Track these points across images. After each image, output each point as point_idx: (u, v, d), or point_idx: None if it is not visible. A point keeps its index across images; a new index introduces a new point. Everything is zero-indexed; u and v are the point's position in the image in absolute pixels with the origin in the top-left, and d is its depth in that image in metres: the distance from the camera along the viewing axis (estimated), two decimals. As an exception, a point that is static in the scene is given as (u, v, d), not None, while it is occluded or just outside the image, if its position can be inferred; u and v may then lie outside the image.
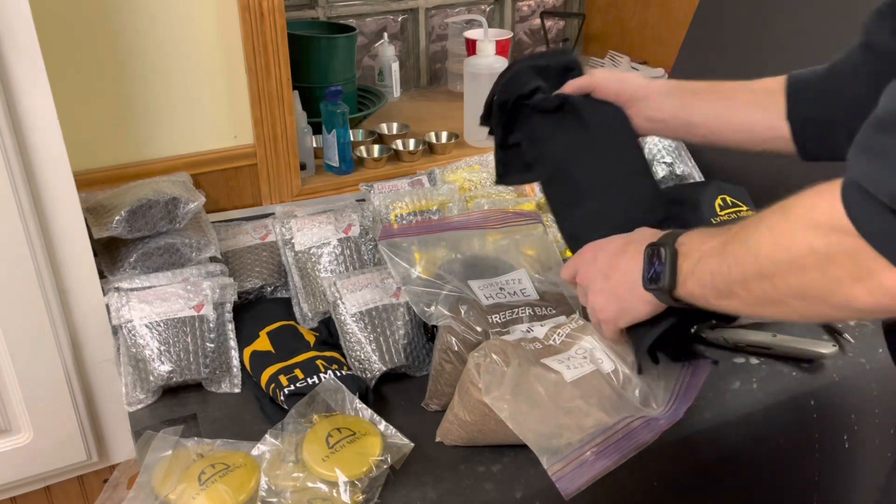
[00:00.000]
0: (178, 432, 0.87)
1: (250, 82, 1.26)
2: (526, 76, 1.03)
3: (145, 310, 0.99)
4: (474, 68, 1.50)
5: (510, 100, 1.01)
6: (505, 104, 1.02)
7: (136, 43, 1.17)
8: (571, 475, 0.74)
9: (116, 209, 1.04)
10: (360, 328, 0.99)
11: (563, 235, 0.98)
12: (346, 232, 1.15)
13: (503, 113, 1.02)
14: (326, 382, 0.89)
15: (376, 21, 1.91)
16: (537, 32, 2.14)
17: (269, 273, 1.16)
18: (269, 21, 1.23)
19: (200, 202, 1.09)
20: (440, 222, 1.07)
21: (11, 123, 0.89)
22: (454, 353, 0.88)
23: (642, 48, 1.97)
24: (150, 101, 1.22)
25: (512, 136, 1.04)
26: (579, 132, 0.99)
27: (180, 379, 0.97)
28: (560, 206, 0.98)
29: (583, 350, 0.86)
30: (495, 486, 0.82)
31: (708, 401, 0.93)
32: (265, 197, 1.34)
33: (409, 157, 1.49)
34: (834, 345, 0.99)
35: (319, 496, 0.78)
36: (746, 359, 1.00)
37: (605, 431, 0.79)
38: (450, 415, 0.87)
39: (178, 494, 0.78)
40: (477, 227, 1.05)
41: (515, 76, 1.03)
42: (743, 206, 1.10)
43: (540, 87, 1.01)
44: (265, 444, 0.83)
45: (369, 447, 0.81)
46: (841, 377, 0.99)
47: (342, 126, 1.39)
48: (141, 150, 1.25)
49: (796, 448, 0.97)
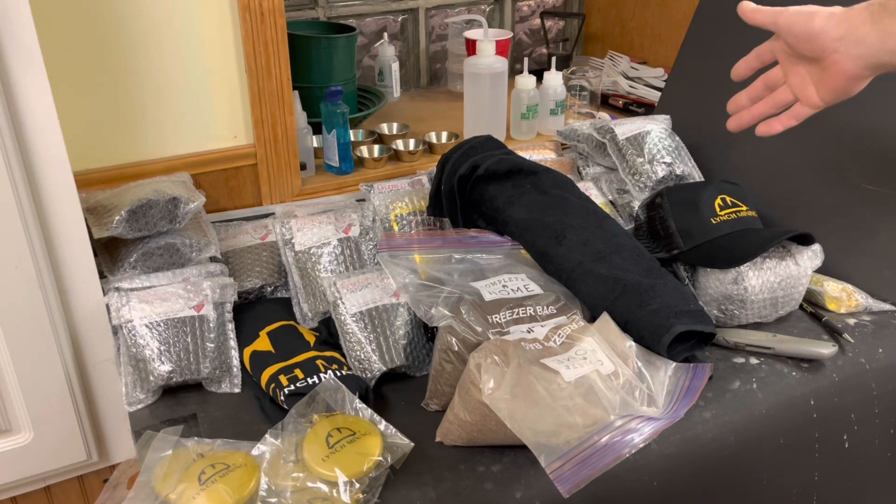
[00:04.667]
0: (178, 432, 0.87)
1: (250, 82, 1.26)
2: (462, 159, 1.13)
3: (145, 310, 0.99)
4: (474, 68, 1.50)
5: (455, 185, 1.10)
6: (452, 190, 1.11)
7: (137, 43, 1.17)
8: (570, 474, 0.74)
9: (116, 209, 1.04)
10: (360, 328, 0.99)
11: (550, 273, 1.02)
12: (346, 232, 1.15)
13: (452, 198, 1.11)
14: (326, 382, 0.89)
15: (376, 21, 1.91)
16: (537, 32, 2.14)
17: (269, 273, 1.16)
18: (269, 21, 1.23)
19: (201, 202, 1.09)
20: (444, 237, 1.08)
21: (11, 123, 0.89)
22: (454, 353, 0.88)
23: (642, 48, 1.97)
24: (151, 101, 1.22)
25: (469, 218, 1.13)
26: (538, 194, 1.08)
27: (180, 379, 0.97)
28: (541, 249, 1.03)
29: (583, 351, 0.86)
30: (495, 486, 0.82)
31: (708, 401, 0.93)
32: (265, 197, 1.35)
33: (409, 157, 1.49)
34: (834, 345, 0.99)
35: (319, 496, 0.78)
36: (746, 359, 1.00)
37: (605, 430, 0.79)
38: (450, 415, 0.87)
39: (178, 494, 0.78)
40: (479, 247, 1.06)
41: (454, 165, 1.12)
42: (743, 205, 1.11)
43: (477, 163, 1.10)
44: (265, 444, 0.83)
45: (369, 447, 0.81)
46: (841, 377, 0.99)
47: (342, 126, 1.39)
48: (141, 150, 1.25)
49: (796, 448, 0.97)
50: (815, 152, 1.23)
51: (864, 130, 1.19)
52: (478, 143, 1.17)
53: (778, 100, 0.92)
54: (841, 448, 1.00)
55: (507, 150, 1.17)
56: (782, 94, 0.92)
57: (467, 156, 1.13)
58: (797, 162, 1.26)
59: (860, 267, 1.13)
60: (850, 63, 0.82)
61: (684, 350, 0.93)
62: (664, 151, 1.27)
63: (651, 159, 1.26)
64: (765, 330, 1.04)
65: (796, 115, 0.91)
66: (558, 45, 2.10)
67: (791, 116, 0.92)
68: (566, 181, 1.11)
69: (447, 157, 1.16)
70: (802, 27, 0.84)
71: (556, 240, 1.01)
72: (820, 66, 0.85)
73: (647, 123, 1.32)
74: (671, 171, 1.26)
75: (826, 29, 0.82)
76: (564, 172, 1.28)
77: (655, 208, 1.13)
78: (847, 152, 1.20)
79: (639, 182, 1.26)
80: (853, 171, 1.18)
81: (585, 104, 1.68)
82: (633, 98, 1.80)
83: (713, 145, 1.34)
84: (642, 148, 1.27)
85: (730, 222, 1.07)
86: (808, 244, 1.05)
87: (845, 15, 0.82)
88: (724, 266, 1.02)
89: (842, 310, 1.09)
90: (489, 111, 1.53)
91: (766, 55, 0.92)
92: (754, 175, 1.28)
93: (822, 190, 1.21)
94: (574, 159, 1.42)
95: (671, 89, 1.53)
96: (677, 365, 0.90)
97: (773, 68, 0.93)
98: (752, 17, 0.88)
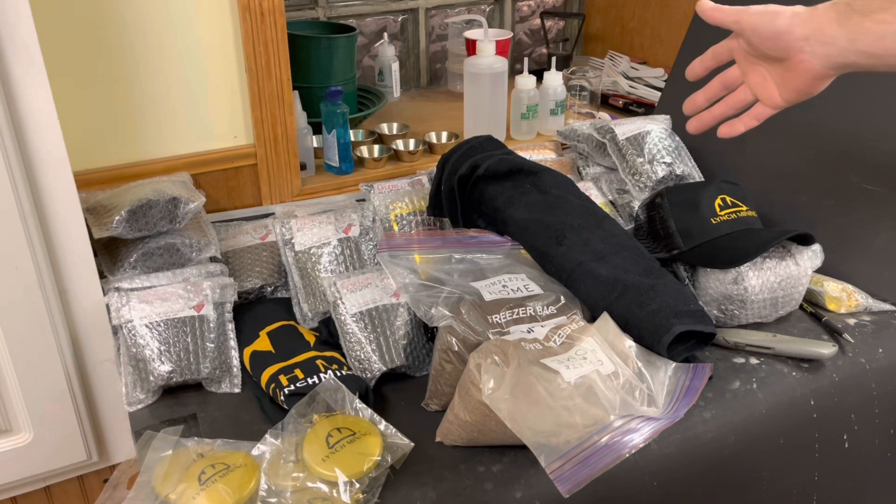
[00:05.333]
0: (178, 432, 0.87)
1: (250, 82, 1.26)
2: (461, 159, 1.13)
3: (145, 310, 0.99)
4: (474, 68, 1.50)
5: (455, 185, 1.10)
6: (452, 191, 1.11)
7: (137, 43, 1.17)
8: (570, 474, 0.74)
9: (116, 209, 1.04)
10: (360, 328, 0.99)
11: (550, 273, 1.03)
12: (346, 232, 1.15)
13: (452, 198, 1.11)
14: (326, 382, 0.89)
15: (376, 21, 1.91)
16: (537, 32, 2.14)
17: (269, 273, 1.16)
18: (269, 21, 1.23)
19: (201, 202, 1.09)
20: (443, 237, 1.08)
21: (11, 123, 0.89)
22: (454, 353, 0.88)
23: (642, 48, 1.97)
24: (151, 101, 1.22)
25: (469, 218, 1.13)
26: (538, 194, 1.08)
27: (180, 379, 0.97)
28: (541, 249, 1.04)
29: (583, 351, 0.86)
30: (495, 486, 0.82)
31: (708, 401, 0.93)
32: (265, 197, 1.35)
33: (409, 157, 1.49)
34: (834, 345, 0.99)
35: (319, 496, 0.78)
36: (746, 359, 1.00)
37: (605, 430, 0.79)
38: (450, 415, 0.87)
39: (178, 494, 0.78)
40: (479, 247, 1.06)
41: (454, 165, 1.12)
42: (743, 205, 1.11)
43: (477, 163, 1.10)
44: (265, 444, 0.83)
45: (369, 447, 0.81)
46: (841, 377, 0.99)
47: (342, 126, 1.39)
48: (141, 150, 1.25)
49: (796, 448, 0.97)
50: (815, 152, 1.23)
51: (863, 130, 1.19)
52: (478, 143, 1.17)
53: (737, 100, 0.90)
54: (841, 448, 1.00)
55: (507, 150, 1.17)
56: (741, 94, 0.90)
57: (467, 156, 1.13)
58: (797, 162, 1.26)
59: (860, 267, 1.13)
60: (815, 62, 0.81)
61: (684, 350, 0.93)
62: (664, 151, 1.27)
63: (651, 159, 1.26)
64: (765, 330, 1.04)
65: (757, 115, 0.90)
66: (558, 45, 2.10)
67: (752, 117, 0.90)
68: (566, 181, 1.11)
69: (447, 157, 1.16)
70: (767, 27, 0.82)
71: (556, 240, 1.01)
72: (783, 66, 0.84)
73: (647, 123, 1.32)
74: (671, 171, 1.26)
75: (791, 28, 0.81)
76: (564, 172, 1.28)
77: (655, 208, 1.13)
78: (847, 152, 1.20)
79: (639, 182, 1.26)
80: (853, 171, 1.18)
81: (585, 104, 1.68)
82: (633, 98, 1.80)
83: (713, 145, 1.33)
84: (642, 148, 1.27)
85: (730, 222, 1.07)
86: (808, 244, 1.05)
87: (810, 14, 0.81)
88: (724, 266, 1.02)
89: (842, 310, 1.09)
90: (489, 111, 1.53)
91: (723, 55, 0.90)
92: (754, 175, 1.28)
93: (822, 190, 1.21)
94: (574, 159, 1.42)
95: (671, 89, 1.53)
96: (677, 365, 0.90)
97: (731, 68, 0.91)
98: (711, 15, 0.87)
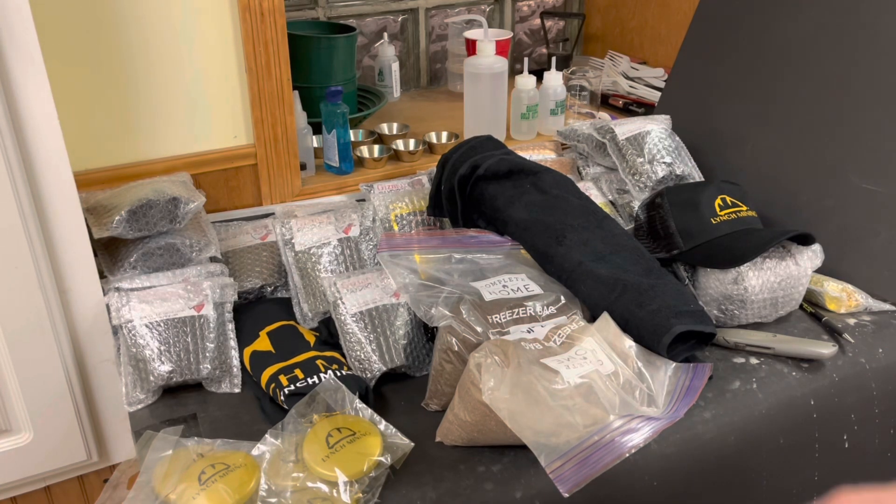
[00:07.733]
0: (178, 432, 0.87)
1: (250, 82, 1.26)
2: (461, 159, 1.13)
3: (145, 310, 0.99)
4: (474, 68, 1.50)
5: (455, 185, 1.10)
6: (452, 190, 1.11)
7: (137, 43, 1.17)
8: (570, 474, 0.74)
9: (116, 209, 1.04)
10: (360, 328, 0.99)
11: (550, 273, 1.02)
12: (346, 232, 1.15)
13: (452, 198, 1.11)
14: (326, 382, 0.89)
15: (376, 21, 1.91)
16: (537, 32, 2.14)
17: (269, 273, 1.16)
18: (269, 21, 1.23)
19: (201, 202, 1.09)
20: (443, 237, 1.08)
21: (11, 123, 0.89)
22: (454, 353, 0.88)
23: (642, 48, 1.97)
24: (151, 101, 1.22)
25: (469, 218, 1.13)
26: (538, 194, 1.08)
27: (180, 379, 0.97)
28: (541, 249, 1.04)
29: (583, 351, 0.86)
30: (495, 486, 0.82)
31: (708, 401, 0.93)
32: (265, 197, 1.34)
33: (409, 157, 1.49)
34: (834, 345, 0.99)
35: (319, 496, 0.78)
36: (746, 359, 1.00)
37: (605, 430, 0.79)
38: (450, 415, 0.87)
39: (178, 494, 0.78)
40: (479, 247, 1.06)
41: (454, 165, 1.10)
42: (743, 205, 1.11)
43: (477, 163, 1.10)
44: (265, 444, 0.83)
45: (369, 447, 0.81)
46: (841, 377, 0.99)
47: (342, 126, 1.39)
48: (141, 150, 1.24)
49: (796, 448, 0.97)
50: (815, 152, 1.23)
51: (863, 130, 1.19)
52: (478, 143, 1.17)
53: None
54: (841, 448, 1.00)
55: (507, 150, 1.17)
56: None
57: (467, 156, 1.13)
58: (797, 162, 1.26)
59: (860, 267, 1.13)
60: None
61: (684, 350, 0.93)
62: (664, 151, 1.27)
63: (651, 159, 1.26)
64: (765, 330, 1.04)
65: None
66: (558, 45, 2.10)
67: None
68: (566, 181, 1.11)
69: (447, 157, 1.16)
70: None
71: (557, 240, 1.01)
72: None
73: (647, 123, 1.32)
74: (671, 171, 1.26)
75: None
76: (564, 172, 1.28)
77: (655, 208, 1.13)
78: (847, 152, 1.20)
79: (639, 182, 1.26)
80: (853, 171, 1.18)
81: (585, 104, 1.68)
82: (633, 98, 1.80)
83: (713, 145, 1.34)
84: (642, 148, 1.27)
85: (730, 222, 1.07)
86: (808, 244, 1.05)
87: None
88: (724, 266, 1.02)
89: (842, 310, 1.09)
90: (489, 111, 1.53)
91: None
92: (754, 175, 1.28)
93: (822, 190, 1.21)
94: (574, 159, 1.42)
95: (671, 89, 1.53)
96: (677, 365, 0.90)
97: None
98: None
